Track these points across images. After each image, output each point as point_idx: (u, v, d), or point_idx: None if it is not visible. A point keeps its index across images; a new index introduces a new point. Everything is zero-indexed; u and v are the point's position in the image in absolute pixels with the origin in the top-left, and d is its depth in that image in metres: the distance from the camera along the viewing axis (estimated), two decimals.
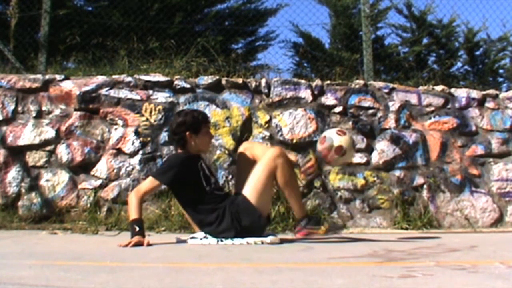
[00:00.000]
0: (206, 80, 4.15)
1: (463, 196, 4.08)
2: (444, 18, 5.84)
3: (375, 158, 4.09)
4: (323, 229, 2.91)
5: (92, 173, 3.93)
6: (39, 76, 4.14)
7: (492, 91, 4.46)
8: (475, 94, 4.40)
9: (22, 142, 3.94)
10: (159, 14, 5.04)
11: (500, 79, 5.88)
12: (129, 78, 4.12)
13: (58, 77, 4.12)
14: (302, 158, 3.41)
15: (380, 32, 5.86)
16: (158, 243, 2.75)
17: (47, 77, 4.12)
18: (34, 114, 4.02)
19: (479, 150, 4.22)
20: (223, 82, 4.17)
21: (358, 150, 4.02)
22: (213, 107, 4.07)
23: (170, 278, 1.73)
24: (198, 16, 5.49)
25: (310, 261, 2.21)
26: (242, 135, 4.04)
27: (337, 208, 3.97)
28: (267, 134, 4.05)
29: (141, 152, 3.95)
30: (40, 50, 4.50)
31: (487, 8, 5.52)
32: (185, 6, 5.23)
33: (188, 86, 4.13)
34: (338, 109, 4.18)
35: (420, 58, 5.67)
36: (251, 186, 2.84)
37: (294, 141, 4.02)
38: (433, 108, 4.28)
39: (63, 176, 3.90)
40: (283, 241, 2.90)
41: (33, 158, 3.94)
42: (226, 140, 4.01)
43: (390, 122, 4.19)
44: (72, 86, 4.08)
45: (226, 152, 3.98)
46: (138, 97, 4.07)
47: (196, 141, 2.95)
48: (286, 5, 5.46)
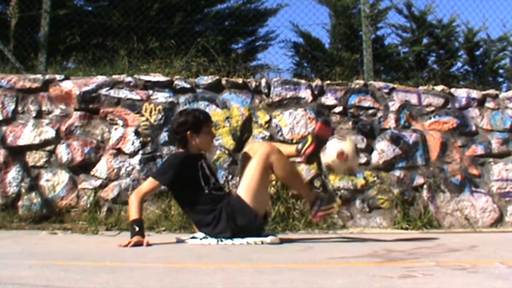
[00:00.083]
0: (206, 80, 4.15)
1: (463, 196, 4.08)
2: (444, 18, 5.84)
3: (375, 158, 4.09)
4: (337, 204, 2.91)
5: (92, 173, 3.93)
6: (39, 76, 4.14)
7: (492, 91, 4.46)
8: (475, 94, 4.40)
9: (22, 142, 3.94)
10: (159, 14, 5.04)
11: (500, 79, 5.88)
12: (129, 78, 4.12)
13: (58, 77, 4.12)
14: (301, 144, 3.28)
15: (380, 32, 5.87)
16: (158, 243, 2.75)
17: (47, 77, 4.12)
18: (34, 114, 4.02)
19: (479, 150, 4.22)
20: (223, 82, 4.17)
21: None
22: (213, 107, 4.07)
23: (170, 278, 1.73)
24: (198, 16, 5.48)
25: (310, 261, 2.21)
26: (242, 135, 4.04)
27: None
28: (267, 134, 4.05)
29: (141, 152, 3.95)
30: (40, 50, 4.50)
31: (487, 8, 5.52)
32: (185, 6, 5.22)
33: (188, 86, 4.13)
34: (338, 109, 4.18)
35: (420, 58, 5.67)
36: (245, 185, 2.81)
37: (294, 141, 4.01)
38: (433, 108, 4.28)
39: (63, 176, 3.91)
40: (283, 241, 2.89)
41: (33, 158, 3.94)
42: (226, 140, 4.01)
43: (390, 122, 4.19)
44: (72, 86, 4.08)
45: (226, 152, 3.98)
46: (138, 97, 4.07)
47: (197, 140, 2.94)
48: (286, 5, 5.47)
